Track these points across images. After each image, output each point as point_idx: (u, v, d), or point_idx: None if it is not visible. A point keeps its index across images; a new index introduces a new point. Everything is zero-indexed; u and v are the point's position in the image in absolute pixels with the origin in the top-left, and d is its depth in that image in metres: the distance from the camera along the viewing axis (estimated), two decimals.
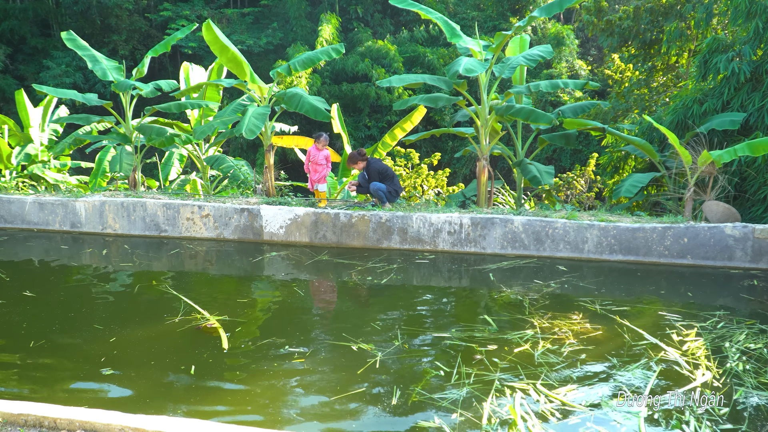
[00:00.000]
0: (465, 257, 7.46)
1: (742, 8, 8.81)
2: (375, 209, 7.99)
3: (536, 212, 8.08)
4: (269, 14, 29.64)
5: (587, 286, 6.27)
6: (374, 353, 4.47)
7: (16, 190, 10.83)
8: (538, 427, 3.43)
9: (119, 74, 9.99)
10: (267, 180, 9.57)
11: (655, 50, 13.92)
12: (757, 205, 8.39)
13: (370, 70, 23.77)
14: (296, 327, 5.11)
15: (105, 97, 20.04)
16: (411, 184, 12.40)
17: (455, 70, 8.15)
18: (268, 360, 4.37)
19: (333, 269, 7.02)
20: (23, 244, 8.17)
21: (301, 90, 8.99)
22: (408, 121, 10.95)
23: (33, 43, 26.55)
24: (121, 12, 26.82)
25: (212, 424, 3.06)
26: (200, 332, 4.87)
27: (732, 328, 4.98)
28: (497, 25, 26.15)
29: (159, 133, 9.36)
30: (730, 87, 8.93)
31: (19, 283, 6.31)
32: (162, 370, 4.21)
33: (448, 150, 23.29)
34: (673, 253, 7.02)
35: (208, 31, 8.67)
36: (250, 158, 23.04)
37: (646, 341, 4.70)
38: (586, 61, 27.00)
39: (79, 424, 3.01)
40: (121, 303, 5.81)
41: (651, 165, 9.80)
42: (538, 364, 4.28)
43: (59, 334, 4.86)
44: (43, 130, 12.90)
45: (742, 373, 4.14)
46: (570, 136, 9.50)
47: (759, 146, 7.32)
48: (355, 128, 23.70)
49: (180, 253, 7.73)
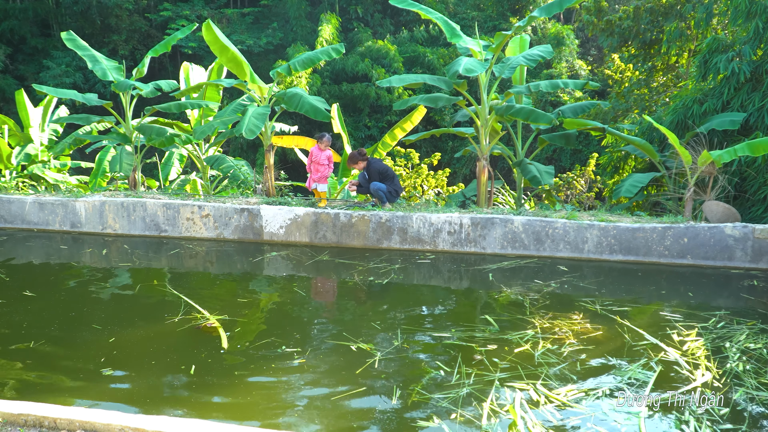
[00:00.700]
0: (465, 257, 7.46)
1: (742, 8, 8.81)
2: (375, 209, 7.99)
3: (536, 212, 8.08)
4: (269, 14, 29.65)
5: (587, 286, 6.26)
6: (374, 353, 4.48)
7: (16, 190, 10.83)
8: (538, 427, 3.43)
9: (119, 74, 9.99)
10: (267, 180, 9.57)
11: (655, 50, 13.92)
12: (757, 205, 8.39)
13: (370, 70, 23.77)
14: (296, 327, 5.11)
15: (105, 97, 20.05)
16: (411, 184, 12.39)
17: (455, 70, 8.15)
18: (268, 360, 4.37)
19: (333, 269, 7.02)
20: (23, 244, 8.17)
21: (301, 90, 8.99)
22: (408, 121, 10.95)
23: (33, 43, 26.56)
24: (121, 12, 26.84)
25: (212, 424, 3.06)
26: (200, 332, 4.87)
27: (732, 328, 4.98)
28: (497, 25, 26.15)
29: (159, 133, 9.36)
30: (730, 87, 8.93)
31: (19, 282, 6.31)
32: (162, 369, 4.21)
33: (448, 150, 23.29)
34: (673, 253, 7.02)
35: (208, 31, 8.67)
36: (250, 158, 23.04)
37: (646, 341, 4.70)
38: (586, 61, 27.01)
39: (79, 424, 3.01)
40: (121, 303, 5.81)
41: (651, 165, 9.80)
42: (538, 364, 4.28)
43: (59, 333, 4.86)
44: (43, 130, 12.90)
45: (742, 373, 4.14)
46: (570, 136, 9.51)
47: (759, 146, 7.32)
48: (355, 128, 23.70)
49: (180, 253, 7.73)
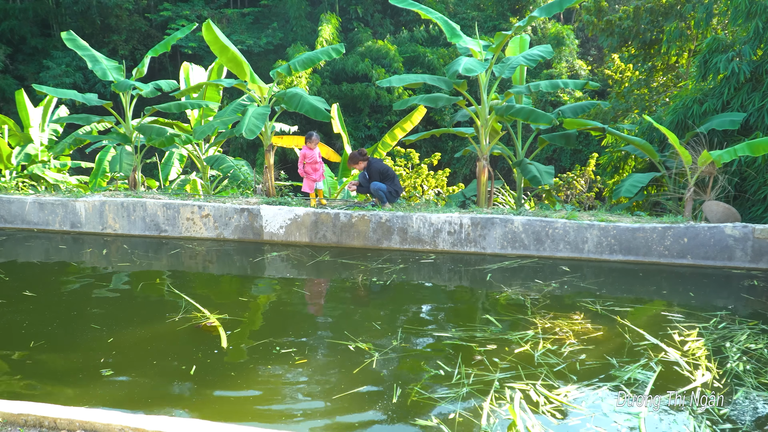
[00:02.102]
0: (465, 257, 7.46)
1: (742, 8, 8.81)
2: (375, 209, 7.99)
3: (536, 212, 8.08)
4: (269, 14, 29.66)
5: (588, 286, 6.26)
6: (374, 353, 4.47)
7: (16, 190, 10.83)
8: (537, 427, 3.43)
9: (119, 74, 9.98)
10: (267, 180, 9.56)
11: (655, 50, 13.92)
12: (757, 205, 8.39)
13: (370, 70, 23.77)
14: (296, 326, 5.11)
15: (105, 97, 20.04)
16: (411, 184, 12.39)
17: (455, 70, 8.14)
18: (268, 359, 4.37)
19: (333, 269, 7.02)
20: (23, 244, 8.16)
21: (301, 90, 8.99)
22: (408, 121, 10.95)
23: (33, 43, 26.57)
24: (121, 12, 26.84)
25: (212, 423, 3.06)
26: (200, 331, 4.87)
27: (734, 329, 4.98)
28: (497, 25, 26.16)
29: (159, 133, 9.36)
30: (730, 87, 8.92)
31: (19, 282, 6.31)
32: (162, 369, 4.21)
33: (448, 150, 23.30)
34: (673, 253, 7.02)
35: (208, 31, 8.67)
36: (250, 158, 23.05)
37: (646, 342, 4.70)
38: (586, 61, 27.01)
39: (79, 424, 3.01)
40: (121, 302, 5.81)
41: (651, 165, 9.80)
42: (538, 365, 4.28)
43: (59, 333, 4.86)
44: (43, 130, 12.90)
45: (743, 373, 4.14)
46: (570, 136, 9.50)
47: (759, 146, 7.31)
48: (355, 128, 23.70)
49: (180, 253, 7.73)
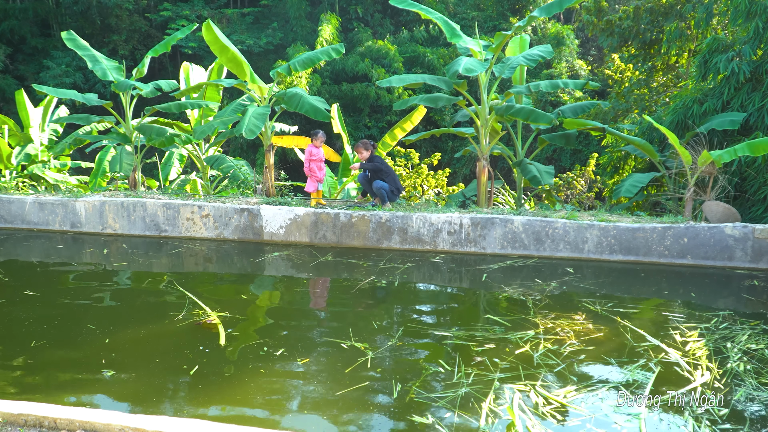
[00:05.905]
0: (465, 257, 7.46)
1: (742, 8, 8.81)
2: (375, 209, 7.98)
3: (536, 212, 8.07)
4: (269, 14, 29.66)
5: (588, 286, 6.26)
6: (373, 353, 4.47)
7: (16, 190, 10.83)
8: (537, 427, 3.42)
9: (119, 74, 9.98)
10: (267, 180, 9.56)
11: (655, 50, 13.92)
12: (757, 205, 8.39)
13: (370, 70, 23.77)
14: (296, 326, 5.11)
15: (105, 97, 20.06)
16: (411, 184, 12.39)
17: (455, 70, 8.14)
18: (268, 359, 4.37)
19: (333, 269, 7.02)
20: (23, 244, 8.16)
21: (301, 90, 8.99)
22: (408, 121, 10.95)
23: (33, 43, 26.56)
24: (121, 12, 26.84)
25: (212, 424, 3.06)
26: (200, 330, 4.87)
27: (735, 329, 4.98)
28: (497, 25, 26.16)
29: (159, 133, 9.36)
30: (730, 87, 8.92)
31: (19, 282, 6.31)
32: (162, 369, 4.21)
33: (448, 150, 23.30)
34: (673, 253, 7.01)
35: (208, 31, 8.67)
36: (250, 158, 23.05)
37: (647, 342, 4.70)
38: (586, 61, 27.00)
39: (79, 424, 3.01)
40: (121, 302, 5.80)
41: (651, 165, 9.80)
42: (538, 365, 4.28)
43: (59, 333, 4.86)
44: (43, 130, 12.90)
45: (743, 373, 4.13)
46: (570, 136, 9.50)
47: (759, 146, 7.31)
48: (355, 128, 23.70)
49: (180, 253, 7.73)
